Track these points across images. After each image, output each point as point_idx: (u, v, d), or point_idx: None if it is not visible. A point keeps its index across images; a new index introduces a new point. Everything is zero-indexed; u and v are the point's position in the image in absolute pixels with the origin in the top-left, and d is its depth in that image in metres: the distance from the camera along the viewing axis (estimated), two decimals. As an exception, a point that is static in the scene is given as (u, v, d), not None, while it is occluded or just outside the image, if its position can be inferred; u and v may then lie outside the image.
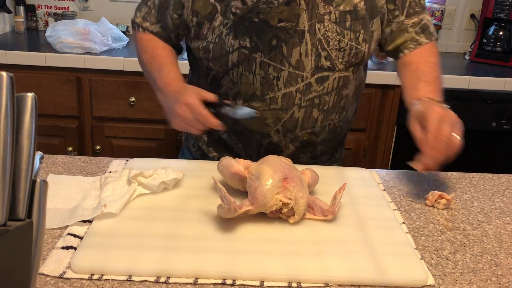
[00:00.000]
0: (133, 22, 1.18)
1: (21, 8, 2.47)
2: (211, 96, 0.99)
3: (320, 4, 1.01)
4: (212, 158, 1.20)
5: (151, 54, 1.14)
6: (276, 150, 1.12)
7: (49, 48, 2.08)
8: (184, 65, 1.19)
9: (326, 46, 1.03)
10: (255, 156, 1.15)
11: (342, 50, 1.04)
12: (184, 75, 1.12)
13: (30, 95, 0.44)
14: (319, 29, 1.02)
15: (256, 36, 1.01)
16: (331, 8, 1.02)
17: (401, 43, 1.11)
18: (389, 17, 1.09)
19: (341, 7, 1.02)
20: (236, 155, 1.15)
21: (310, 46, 1.02)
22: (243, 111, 1.01)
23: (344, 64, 1.06)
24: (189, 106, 0.97)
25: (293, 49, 1.02)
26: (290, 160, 0.92)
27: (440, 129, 0.91)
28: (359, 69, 1.12)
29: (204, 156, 1.22)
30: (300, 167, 0.94)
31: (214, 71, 1.09)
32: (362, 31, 1.04)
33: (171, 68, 1.10)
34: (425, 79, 1.07)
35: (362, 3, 1.04)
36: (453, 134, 0.90)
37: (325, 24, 1.02)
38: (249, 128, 1.10)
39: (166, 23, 1.10)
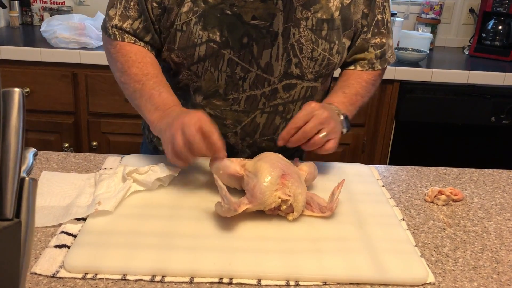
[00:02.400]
0: (106, 28, 1.00)
1: (16, 3, 2.44)
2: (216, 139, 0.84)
3: (298, 8, 0.97)
4: (162, 152, 1.12)
5: (141, 72, 0.99)
6: (231, 152, 1.07)
7: (45, 43, 2.06)
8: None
9: (298, 53, 0.99)
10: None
11: (314, 59, 1.00)
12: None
13: (17, 90, 0.43)
14: (293, 34, 0.98)
15: (227, 30, 0.96)
16: (309, 13, 0.98)
17: (359, 59, 1.10)
18: (359, 32, 1.07)
19: (319, 14, 0.98)
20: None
21: (281, 50, 0.98)
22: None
23: (314, 74, 1.03)
24: (201, 131, 0.82)
25: (263, 50, 0.98)
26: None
27: (300, 121, 0.91)
28: (327, 79, 1.10)
29: (155, 150, 1.17)
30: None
31: (173, 66, 1.03)
32: (336, 41, 1.01)
33: (167, 90, 0.98)
34: (345, 91, 1.07)
35: (337, 13, 1.00)
36: (320, 133, 0.91)
37: (301, 29, 0.98)
38: None
39: (148, 15, 0.99)
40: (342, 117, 1.00)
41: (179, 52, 0.99)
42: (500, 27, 2.46)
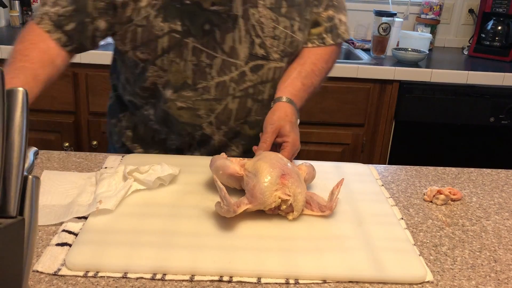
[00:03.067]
0: (37, 11, 0.98)
1: (17, 3, 2.44)
2: None
3: None
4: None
5: (23, 50, 0.94)
6: (208, 142, 1.09)
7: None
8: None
9: (260, 33, 0.99)
10: (186, 149, 1.11)
11: (276, 38, 1.01)
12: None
13: (21, 89, 0.43)
14: (253, 14, 0.98)
15: (188, 19, 0.96)
16: None
17: (311, 33, 1.09)
18: (311, 6, 1.07)
19: None
20: (165, 149, 1.11)
21: (243, 32, 0.98)
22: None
23: (279, 54, 1.03)
24: None
25: (226, 35, 0.98)
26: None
27: (269, 143, 0.95)
28: (293, 59, 1.10)
29: (129, 153, 1.15)
30: (296, 162, 0.93)
31: (141, 63, 1.01)
32: (297, 19, 1.02)
33: (22, 80, 0.91)
34: (304, 82, 1.06)
35: None
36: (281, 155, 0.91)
37: (259, 9, 0.98)
38: (179, 120, 1.06)
39: (85, 4, 0.96)
40: (298, 121, 1.04)
41: (143, 48, 0.98)
42: (499, 28, 2.47)
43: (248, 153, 1.13)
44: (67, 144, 2.12)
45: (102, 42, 1.06)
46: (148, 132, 1.13)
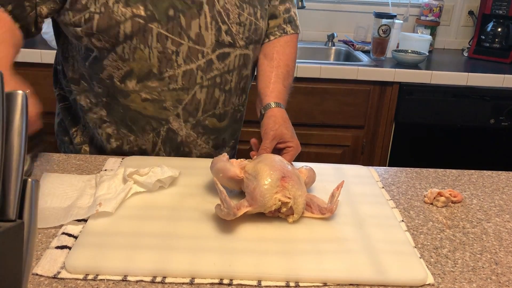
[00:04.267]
0: None
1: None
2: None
3: None
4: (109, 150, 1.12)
5: None
6: (175, 139, 1.06)
7: (45, 45, 2.06)
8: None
9: (226, 19, 1.00)
10: (149, 150, 1.08)
11: (242, 24, 1.02)
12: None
13: (20, 92, 0.43)
14: (218, 1, 0.98)
15: (151, 4, 0.94)
16: None
17: (271, 26, 1.13)
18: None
19: None
20: (126, 154, 1.08)
21: (209, 19, 0.98)
22: None
23: (244, 41, 1.04)
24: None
25: (191, 21, 0.97)
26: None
27: (269, 150, 0.96)
28: (257, 47, 1.11)
29: (102, 150, 1.13)
30: (297, 165, 0.93)
31: (96, 51, 0.98)
32: (259, 6, 1.04)
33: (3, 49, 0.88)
34: (284, 84, 1.08)
35: None
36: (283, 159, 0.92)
37: None
38: (144, 114, 1.03)
39: None
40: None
41: (100, 35, 0.94)
42: (499, 29, 2.47)
43: (219, 148, 1.14)
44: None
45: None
46: (105, 141, 1.09)
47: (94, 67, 1.01)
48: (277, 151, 0.98)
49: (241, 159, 0.91)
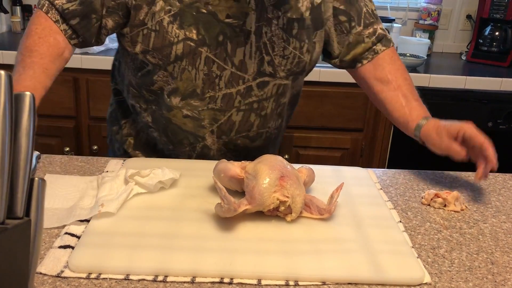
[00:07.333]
0: (39, 1, 0.98)
1: (18, 8, 2.46)
2: None
3: (269, 8, 0.99)
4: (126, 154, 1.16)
5: (32, 46, 0.95)
6: (207, 154, 1.09)
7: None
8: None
9: (270, 51, 1.01)
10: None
11: (285, 57, 1.03)
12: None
13: (28, 93, 0.44)
14: (265, 32, 1.00)
15: (204, 28, 0.97)
16: (279, 13, 1.00)
17: (359, 53, 1.13)
18: (343, 28, 1.09)
19: (289, 14, 1.01)
20: (165, 158, 1.12)
21: (254, 48, 1.00)
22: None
23: (285, 72, 1.05)
24: None
25: (237, 48, 1.00)
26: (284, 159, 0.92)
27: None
28: (299, 78, 1.12)
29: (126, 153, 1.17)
30: (296, 166, 0.94)
31: (150, 65, 1.01)
32: (306, 40, 1.04)
33: (31, 75, 0.93)
34: (415, 98, 1.12)
35: (307, 13, 1.03)
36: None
37: (272, 28, 1.00)
38: (183, 129, 1.07)
39: (91, 1, 0.96)
40: None
41: (155, 52, 0.98)
42: (497, 33, 2.49)
43: None
44: (67, 149, 2.13)
45: (107, 41, 1.06)
46: (150, 139, 1.14)
47: (145, 79, 1.05)
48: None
49: (243, 161, 0.92)
